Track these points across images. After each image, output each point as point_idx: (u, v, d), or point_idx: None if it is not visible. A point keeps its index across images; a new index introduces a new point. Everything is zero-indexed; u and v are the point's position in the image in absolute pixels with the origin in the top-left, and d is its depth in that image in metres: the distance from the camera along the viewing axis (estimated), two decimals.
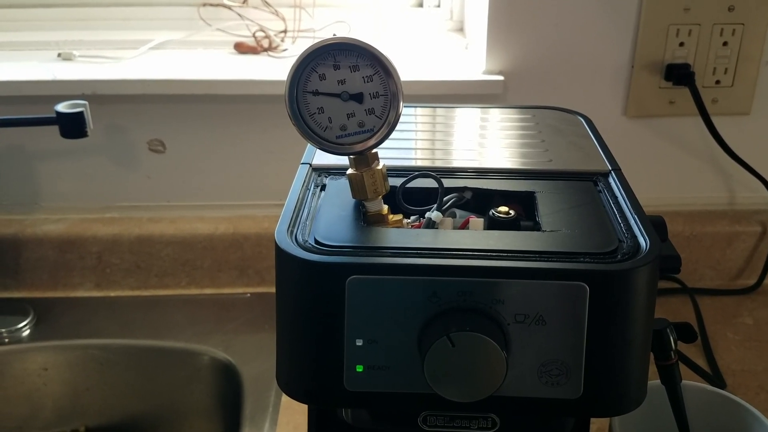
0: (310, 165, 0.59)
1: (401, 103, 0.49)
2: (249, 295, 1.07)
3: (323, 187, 0.56)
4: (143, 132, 1.06)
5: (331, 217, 0.51)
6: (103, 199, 1.10)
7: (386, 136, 0.50)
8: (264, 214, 1.09)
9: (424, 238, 0.48)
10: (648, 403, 0.50)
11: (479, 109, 0.73)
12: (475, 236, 0.49)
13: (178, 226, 1.07)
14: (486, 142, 0.65)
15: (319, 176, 0.58)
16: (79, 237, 1.06)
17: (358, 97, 0.49)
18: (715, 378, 0.89)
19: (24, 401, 0.98)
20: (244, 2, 1.13)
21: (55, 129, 0.94)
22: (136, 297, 1.07)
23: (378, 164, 0.52)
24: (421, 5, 1.19)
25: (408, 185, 0.54)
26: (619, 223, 0.51)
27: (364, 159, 0.51)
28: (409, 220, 0.54)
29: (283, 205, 0.52)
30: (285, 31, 1.14)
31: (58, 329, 1.00)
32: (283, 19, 1.14)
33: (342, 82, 0.49)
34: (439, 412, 0.51)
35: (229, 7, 1.13)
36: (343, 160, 0.52)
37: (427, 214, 0.53)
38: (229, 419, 0.93)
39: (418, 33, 1.18)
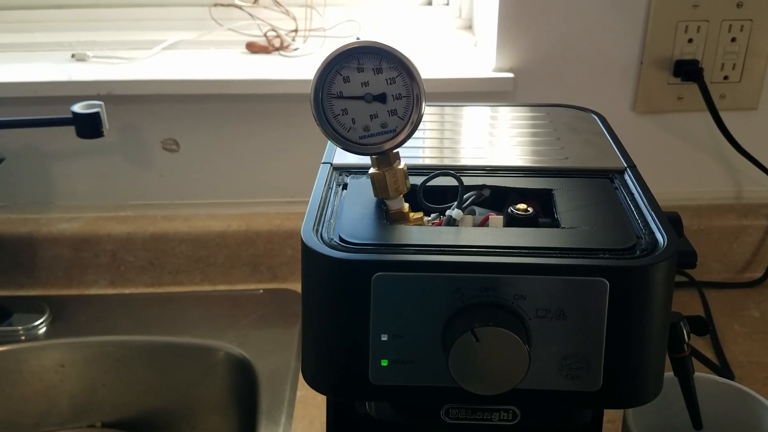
0: (331, 164, 0.60)
1: (424, 104, 0.50)
2: (261, 291, 1.08)
3: (345, 186, 0.57)
4: (157, 131, 1.07)
5: (354, 215, 0.52)
6: (117, 198, 1.11)
7: (408, 137, 0.51)
8: (276, 211, 1.10)
9: (447, 236, 0.50)
10: (661, 393, 0.51)
11: (493, 108, 0.74)
12: (497, 233, 0.51)
13: (191, 223, 1.08)
14: (501, 140, 0.66)
15: (340, 175, 0.59)
16: (94, 235, 1.07)
17: (381, 98, 0.50)
18: (723, 369, 0.90)
19: (41, 397, 0.99)
20: (254, 2, 1.14)
21: (69, 129, 0.94)
22: (151, 294, 1.08)
23: (399, 163, 0.53)
24: (429, 3, 1.20)
25: (425, 184, 0.55)
26: (637, 220, 0.52)
27: (386, 159, 0.52)
28: (429, 218, 0.55)
29: (295, 202, 0.53)
30: (296, 31, 1.15)
31: (74, 326, 1.00)
32: (294, 19, 1.14)
33: (365, 84, 0.50)
34: (462, 404, 0.52)
35: (240, 7, 1.14)
36: (363, 159, 0.53)
37: (448, 212, 0.54)
38: (244, 414, 0.94)
39: (427, 31, 1.19)
